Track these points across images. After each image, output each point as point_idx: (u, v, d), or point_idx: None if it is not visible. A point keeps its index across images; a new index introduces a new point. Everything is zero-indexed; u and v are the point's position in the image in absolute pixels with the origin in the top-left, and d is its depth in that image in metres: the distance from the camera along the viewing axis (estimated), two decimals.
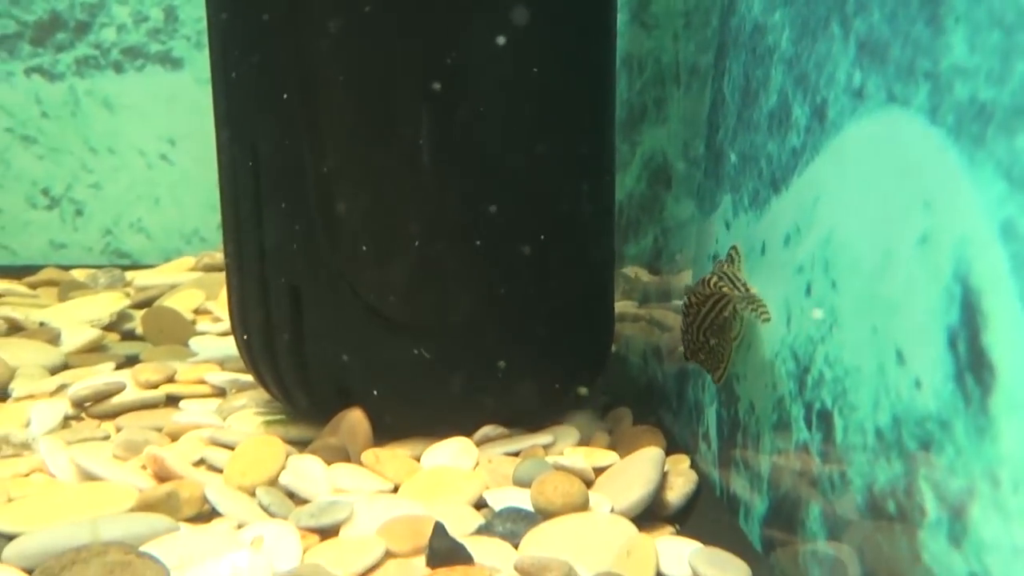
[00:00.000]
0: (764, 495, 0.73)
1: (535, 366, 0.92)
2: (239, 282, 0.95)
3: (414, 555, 0.73)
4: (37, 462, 0.90)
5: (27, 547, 0.73)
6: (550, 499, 0.78)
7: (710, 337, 0.78)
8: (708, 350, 0.79)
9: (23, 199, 1.75)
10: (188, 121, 1.75)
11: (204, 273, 1.64)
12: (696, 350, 0.79)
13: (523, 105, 0.89)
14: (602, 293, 0.98)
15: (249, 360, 0.97)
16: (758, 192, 0.76)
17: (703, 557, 0.70)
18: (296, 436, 0.94)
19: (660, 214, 1.06)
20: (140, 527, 0.75)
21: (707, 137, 0.89)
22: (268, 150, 0.90)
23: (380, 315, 0.89)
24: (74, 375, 1.15)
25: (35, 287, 1.61)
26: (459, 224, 0.89)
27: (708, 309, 0.77)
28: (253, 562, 0.70)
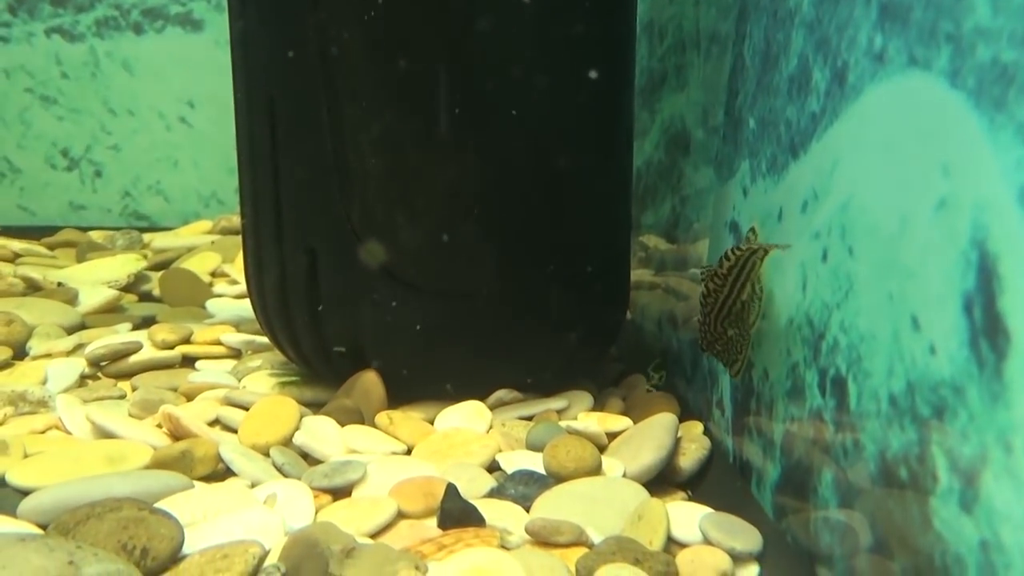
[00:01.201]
0: (777, 462, 0.73)
1: (550, 331, 0.92)
2: (255, 244, 0.95)
3: (426, 516, 0.73)
4: (53, 419, 0.90)
5: (42, 502, 0.74)
6: (562, 463, 0.78)
7: (728, 327, 0.77)
8: (726, 341, 0.78)
9: (43, 160, 1.75)
10: (207, 84, 1.75)
11: (221, 236, 1.64)
12: (713, 340, 0.78)
13: (543, 71, 0.88)
14: (619, 260, 0.97)
15: (265, 322, 0.97)
16: (776, 158, 0.75)
17: (714, 522, 0.70)
18: (310, 398, 0.94)
19: (678, 181, 1.06)
20: (154, 484, 0.76)
21: (726, 103, 0.88)
22: (286, 112, 0.89)
23: (396, 278, 0.89)
24: (91, 335, 1.16)
25: (53, 248, 1.62)
26: (476, 188, 0.88)
27: (727, 294, 0.76)
28: (266, 520, 0.70)
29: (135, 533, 0.66)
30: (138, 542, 0.66)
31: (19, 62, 1.72)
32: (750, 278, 0.75)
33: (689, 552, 0.68)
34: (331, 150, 0.88)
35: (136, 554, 0.65)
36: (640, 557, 0.66)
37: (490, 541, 0.68)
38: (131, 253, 1.54)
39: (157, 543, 0.66)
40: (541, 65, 0.88)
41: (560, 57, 0.89)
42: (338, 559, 0.64)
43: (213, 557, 0.64)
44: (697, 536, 0.70)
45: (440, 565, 0.65)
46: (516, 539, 0.70)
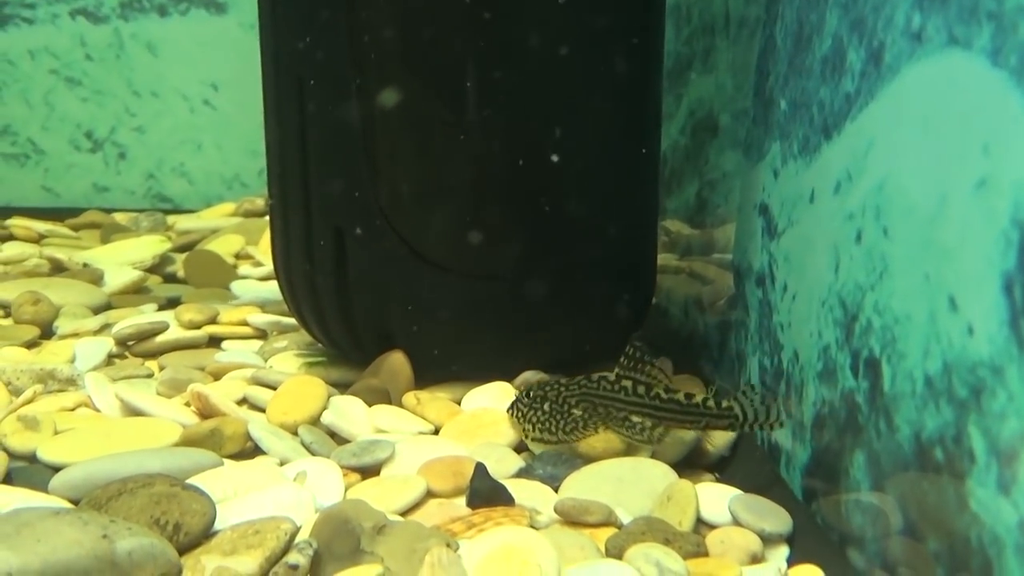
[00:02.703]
0: (806, 444, 0.72)
1: (576, 314, 0.92)
2: (283, 224, 0.95)
3: (455, 495, 0.73)
4: (82, 397, 0.91)
5: (73, 478, 0.74)
6: (590, 443, 0.78)
7: (578, 410, 0.79)
8: (562, 414, 0.79)
9: (67, 142, 1.76)
10: (231, 66, 1.75)
11: (244, 219, 1.65)
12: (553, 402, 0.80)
13: (572, 52, 0.88)
14: (645, 243, 0.97)
15: (292, 302, 0.97)
16: (808, 139, 0.75)
17: (743, 503, 0.70)
18: (337, 378, 0.94)
19: (704, 165, 1.05)
20: (184, 461, 0.76)
21: (756, 85, 0.88)
22: (315, 93, 0.89)
23: (423, 259, 0.89)
24: (117, 315, 1.16)
25: (78, 229, 1.62)
26: (504, 170, 0.88)
27: (608, 395, 0.79)
28: (297, 497, 0.70)
29: (167, 508, 0.67)
30: (171, 517, 0.66)
31: (43, 43, 1.73)
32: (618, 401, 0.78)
33: (719, 533, 0.68)
34: (360, 131, 0.88)
35: (169, 529, 0.65)
36: (670, 537, 0.66)
37: (519, 520, 0.68)
38: (155, 235, 1.54)
39: (189, 518, 0.66)
40: (570, 48, 0.88)
41: (589, 40, 0.88)
42: (369, 536, 0.64)
43: (245, 533, 0.65)
44: (726, 517, 0.70)
45: (471, 543, 0.65)
46: (545, 519, 0.70)
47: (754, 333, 0.84)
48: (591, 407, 0.79)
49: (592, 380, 0.80)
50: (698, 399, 0.77)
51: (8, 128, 1.75)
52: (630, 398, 0.78)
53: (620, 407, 0.78)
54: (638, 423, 0.78)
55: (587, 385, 0.79)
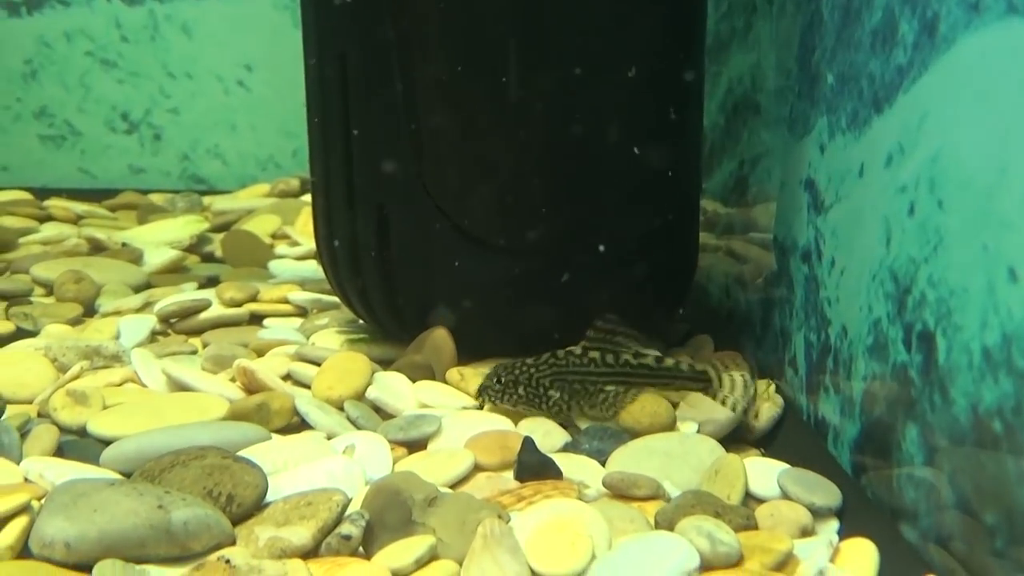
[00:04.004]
0: (856, 419, 0.72)
1: (619, 290, 0.92)
2: (325, 201, 0.95)
3: (503, 469, 0.74)
4: (128, 373, 0.92)
5: (124, 451, 0.75)
6: (637, 418, 0.78)
7: (556, 391, 0.80)
8: (538, 394, 0.79)
9: (103, 123, 1.77)
10: (265, 47, 1.75)
11: (279, 199, 1.65)
12: (528, 383, 0.80)
13: (615, 28, 0.88)
14: (687, 220, 0.97)
15: (334, 279, 0.97)
16: (857, 112, 0.74)
17: (792, 477, 0.70)
18: (379, 355, 0.94)
19: (745, 141, 1.05)
20: (233, 435, 0.77)
21: (801, 59, 0.87)
22: (358, 70, 0.89)
23: (466, 236, 0.89)
24: (157, 294, 1.17)
25: (114, 210, 1.63)
26: (547, 146, 0.88)
27: (591, 375, 0.80)
28: (347, 469, 0.71)
29: (220, 480, 0.67)
30: (223, 489, 0.67)
31: (79, 26, 1.73)
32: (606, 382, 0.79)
33: (768, 507, 0.68)
34: (403, 108, 0.88)
35: (222, 500, 0.66)
36: (720, 510, 0.66)
37: (568, 493, 0.69)
38: (192, 215, 1.55)
39: (242, 490, 0.67)
40: (613, 24, 0.87)
41: (633, 16, 0.88)
42: (421, 507, 0.64)
43: (297, 504, 0.65)
44: (775, 491, 0.70)
45: (521, 515, 0.65)
46: (593, 492, 0.70)
47: (799, 309, 0.84)
48: (565, 384, 0.79)
49: (559, 356, 0.80)
50: (669, 362, 0.80)
51: (45, 110, 1.76)
52: (600, 368, 0.79)
53: (593, 379, 0.79)
54: (612, 391, 0.79)
55: (555, 363, 0.80)
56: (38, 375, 0.91)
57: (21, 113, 1.77)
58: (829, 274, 0.78)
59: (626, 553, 0.60)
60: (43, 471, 0.72)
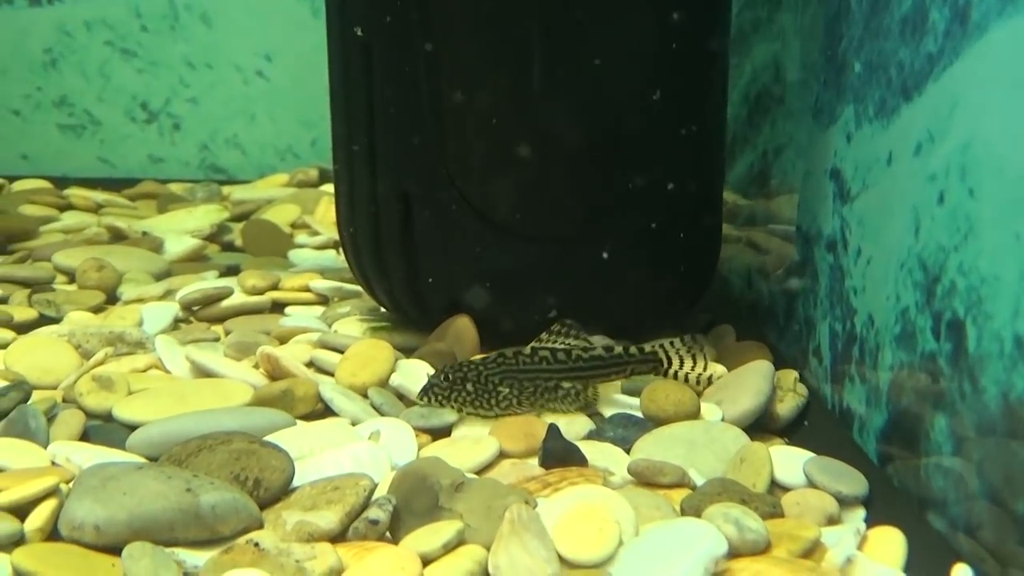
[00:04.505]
0: (882, 408, 0.72)
1: (642, 279, 0.92)
2: (348, 188, 0.95)
3: (528, 456, 0.74)
4: (152, 359, 0.92)
5: (150, 435, 0.76)
6: (661, 406, 0.78)
7: (506, 387, 0.79)
8: (486, 390, 0.79)
9: (122, 113, 1.77)
10: (284, 37, 1.75)
11: (298, 189, 1.65)
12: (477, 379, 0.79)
13: (639, 16, 0.87)
14: (711, 209, 0.96)
15: (357, 267, 0.98)
16: (886, 101, 0.74)
17: (818, 465, 0.70)
18: (400, 343, 0.94)
19: (767, 132, 1.04)
20: (259, 420, 0.77)
21: (826, 49, 0.87)
22: (381, 57, 0.89)
23: (490, 223, 0.89)
24: (179, 282, 1.17)
25: (134, 199, 1.63)
26: (571, 134, 0.88)
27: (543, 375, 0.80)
28: (373, 455, 0.71)
29: (247, 464, 0.67)
30: (250, 473, 0.67)
31: (100, 15, 1.74)
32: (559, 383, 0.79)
33: (795, 495, 0.68)
34: (426, 94, 0.88)
35: (249, 484, 0.66)
36: (746, 498, 0.66)
37: (594, 480, 0.69)
38: (212, 204, 1.55)
39: (269, 474, 0.67)
40: (637, 12, 0.87)
41: (656, 4, 0.88)
42: (448, 492, 0.64)
43: (324, 489, 0.65)
44: (800, 480, 0.70)
45: (548, 501, 0.65)
46: (618, 479, 0.70)
47: (824, 298, 0.84)
48: (516, 383, 0.79)
49: (508, 356, 0.80)
50: (618, 349, 0.81)
51: (65, 99, 1.77)
52: (553, 366, 0.80)
53: (547, 376, 0.79)
54: (569, 388, 0.79)
55: (505, 362, 0.80)
56: (62, 361, 0.91)
57: (41, 102, 1.77)
58: (855, 263, 0.78)
59: (654, 539, 0.60)
60: (70, 455, 0.72)
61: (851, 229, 0.79)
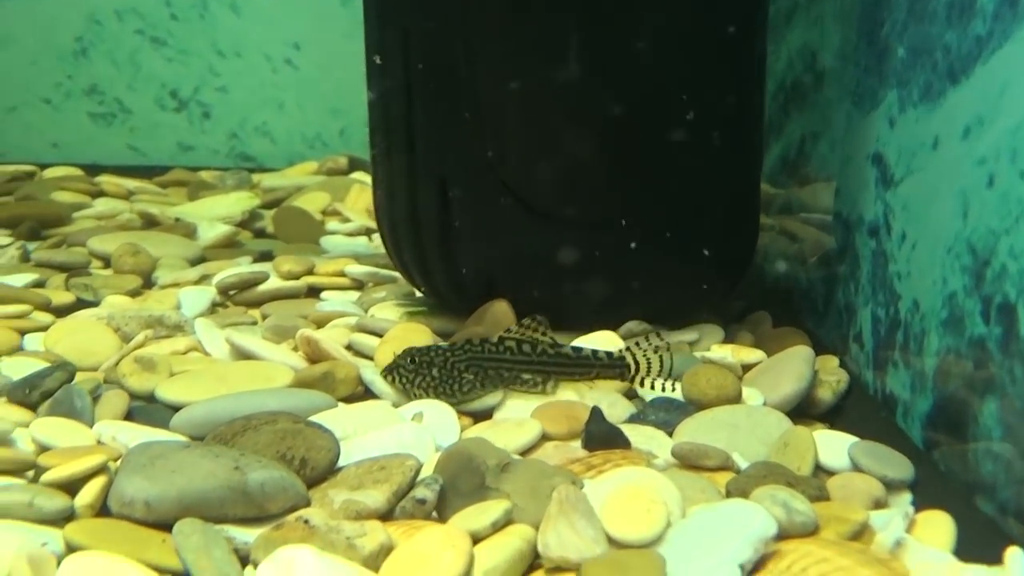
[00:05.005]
0: (928, 393, 0.72)
1: (680, 264, 0.91)
2: (387, 174, 0.96)
3: (570, 439, 0.74)
4: (192, 342, 0.92)
5: (194, 415, 0.76)
6: (703, 390, 0.78)
7: (471, 373, 0.79)
8: (451, 376, 0.79)
9: (152, 101, 1.78)
10: (313, 25, 1.76)
11: (327, 177, 1.66)
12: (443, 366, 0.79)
13: (677, 3, 0.87)
14: (749, 195, 0.96)
15: (394, 252, 0.98)
16: (931, 85, 0.74)
17: (863, 450, 0.70)
18: (437, 327, 0.95)
19: (804, 117, 1.04)
20: (301, 402, 0.77)
21: (868, 34, 0.87)
22: (420, 44, 0.90)
23: (529, 208, 0.89)
24: (214, 267, 1.18)
25: (165, 186, 1.64)
26: (611, 119, 0.88)
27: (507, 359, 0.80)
28: (418, 436, 0.71)
29: (293, 444, 0.68)
30: (297, 452, 0.67)
31: (130, 4, 1.74)
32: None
33: (840, 478, 0.68)
34: (465, 80, 0.88)
35: (295, 463, 0.66)
36: (792, 481, 0.66)
37: (638, 463, 0.69)
38: (242, 191, 1.56)
39: (315, 454, 0.67)
40: None
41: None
42: (494, 473, 0.65)
43: (370, 468, 0.65)
44: (844, 464, 0.70)
45: (593, 483, 0.65)
46: (661, 462, 0.70)
47: (866, 284, 0.84)
48: (481, 371, 0.79)
49: (474, 343, 0.81)
50: (587, 351, 0.81)
51: (95, 87, 1.77)
52: (517, 357, 0.80)
53: (510, 367, 0.80)
54: (530, 379, 0.80)
55: (471, 349, 0.80)
56: (102, 343, 0.92)
57: (72, 91, 1.78)
58: (899, 248, 0.78)
59: (703, 520, 0.60)
60: (115, 434, 0.73)
61: (895, 214, 0.79)
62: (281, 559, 0.55)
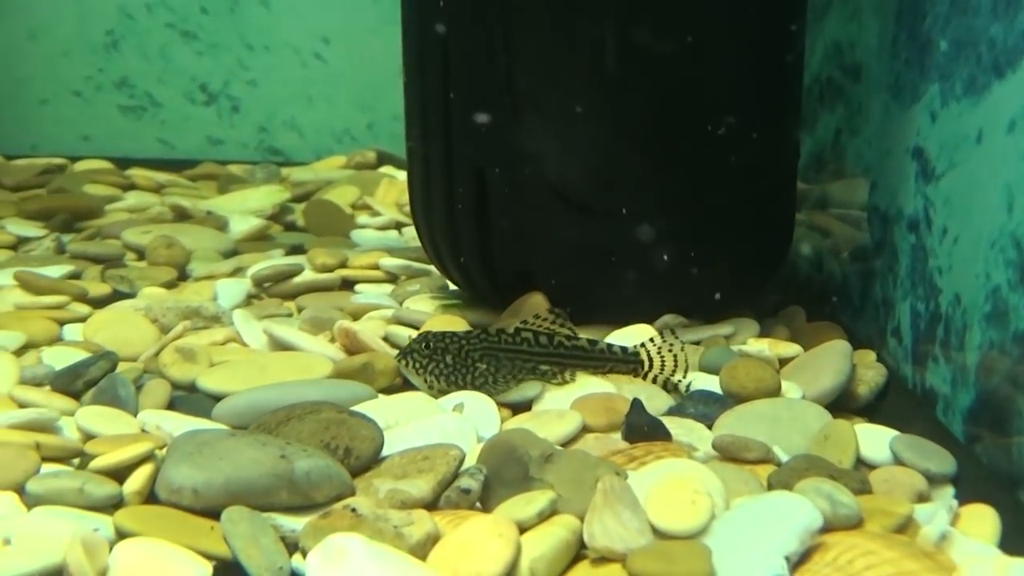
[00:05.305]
0: (970, 387, 0.72)
1: (716, 257, 0.91)
2: (423, 167, 0.96)
3: (610, 431, 0.74)
4: (230, 333, 0.93)
5: (236, 405, 0.77)
6: (742, 384, 0.78)
7: (483, 363, 0.79)
8: (465, 365, 0.79)
9: (182, 94, 1.79)
10: (342, 19, 1.76)
11: (356, 171, 1.66)
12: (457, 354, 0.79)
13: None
14: (784, 191, 0.96)
15: (430, 244, 0.98)
16: (975, 79, 0.73)
17: (905, 443, 0.70)
18: (474, 319, 0.95)
19: (843, 110, 1.04)
20: (342, 392, 0.78)
21: (909, 27, 0.86)
22: (459, 37, 0.90)
23: (566, 201, 0.89)
24: (248, 259, 1.18)
25: (195, 180, 1.65)
26: (648, 112, 0.88)
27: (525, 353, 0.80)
28: (459, 426, 0.72)
29: (337, 433, 0.68)
30: (341, 442, 0.68)
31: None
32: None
33: (882, 472, 0.68)
34: (504, 72, 0.88)
35: (339, 453, 0.67)
36: (834, 474, 0.66)
37: (679, 455, 0.69)
38: (272, 185, 1.56)
39: (359, 443, 0.68)
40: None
41: None
42: (537, 463, 0.65)
43: (414, 458, 0.66)
44: (886, 457, 0.70)
45: (636, 475, 0.65)
46: (702, 455, 0.71)
47: (905, 278, 0.83)
48: (495, 360, 0.79)
49: (491, 333, 0.81)
50: (602, 344, 0.82)
51: (126, 81, 1.78)
52: (534, 348, 0.80)
53: (526, 358, 0.80)
54: (547, 371, 0.80)
55: (487, 339, 0.80)
56: (141, 334, 0.92)
57: (103, 84, 1.79)
58: (940, 242, 0.77)
59: (747, 512, 0.60)
60: (159, 423, 0.74)
61: (935, 208, 0.78)
62: (331, 547, 0.55)
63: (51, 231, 1.31)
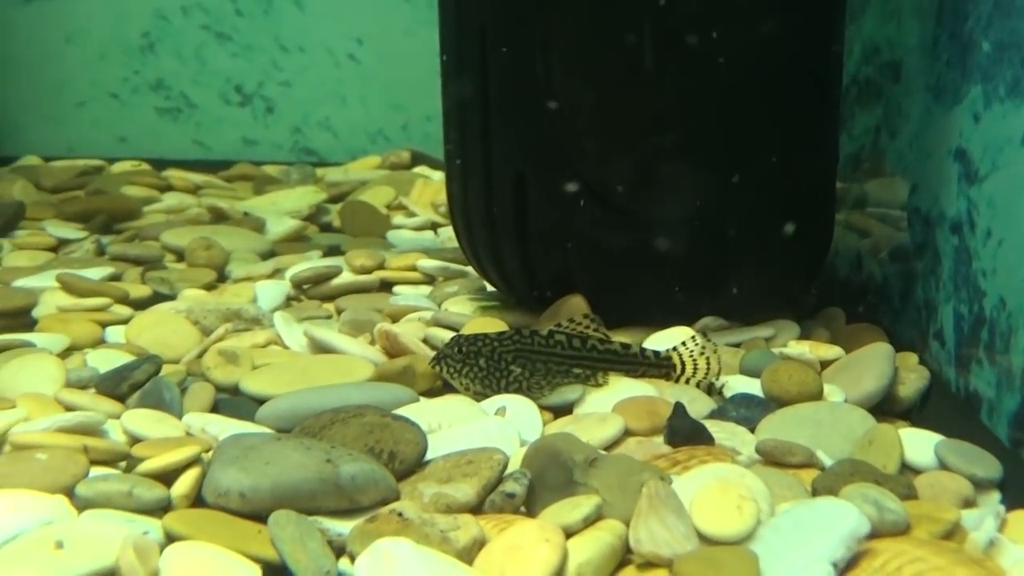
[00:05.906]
0: (1016, 391, 0.71)
1: (757, 259, 0.91)
2: (461, 169, 0.96)
3: (652, 434, 0.74)
4: (270, 335, 0.94)
5: (279, 408, 0.77)
6: (785, 387, 0.78)
7: (518, 367, 0.79)
8: (499, 369, 0.79)
9: (217, 96, 1.80)
10: (376, 20, 1.77)
11: (391, 172, 1.67)
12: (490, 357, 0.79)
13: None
14: (824, 192, 0.96)
15: (468, 246, 0.98)
16: (1019, 80, 0.73)
17: (950, 448, 0.70)
18: (513, 321, 0.95)
19: (881, 111, 1.03)
20: (384, 395, 0.78)
21: (950, 28, 0.86)
22: (497, 39, 0.90)
23: (606, 203, 0.89)
24: (286, 261, 1.19)
25: (230, 181, 1.66)
26: (686, 115, 0.88)
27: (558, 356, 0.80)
28: (502, 430, 0.72)
29: (381, 437, 0.69)
30: (385, 445, 0.68)
31: (195, 0, 1.77)
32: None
33: (928, 477, 0.67)
34: (542, 76, 0.89)
35: (384, 457, 0.67)
36: (879, 479, 0.65)
37: (722, 459, 0.69)
38: (307, 186, 1.57)
39: (403, 447, 0.68)
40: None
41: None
42: (582, 468, 0.65)
43: (458, 462, 0.66)
44: (931, 462, 0.70)
45: (680, 479, 0.65)
46: (745, 459, 0.70)
47: (947, 281, 0.83)
48: (528, 363, 0.79)
49: (524, 335, 0.80)
50: (635, 348, 0.82)
51: (161, 82, 1.80)
52: (567, 351, 0.80)
53: (559, 360, 0.79)
54: (581, 374, 0.80)
55: (520, 340, 0.80)
56: (183, 336, 0.93)
57: (139, 86, 1.81)
58: (984, 245, 0.77)
59: (794, 517, 0.60)
60: (204, 425, 0.74)
61: (979, 211, 0.78)
62: (379, 551, 0.56)
63: (91, 233, 1.32)
